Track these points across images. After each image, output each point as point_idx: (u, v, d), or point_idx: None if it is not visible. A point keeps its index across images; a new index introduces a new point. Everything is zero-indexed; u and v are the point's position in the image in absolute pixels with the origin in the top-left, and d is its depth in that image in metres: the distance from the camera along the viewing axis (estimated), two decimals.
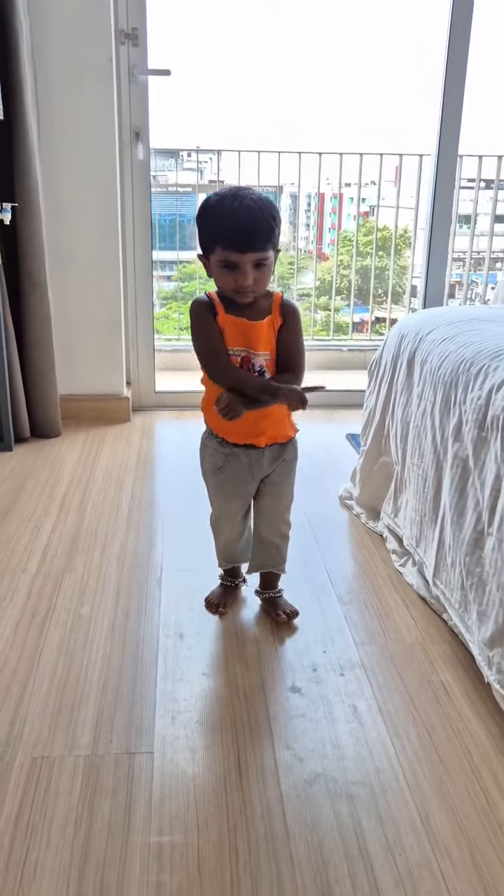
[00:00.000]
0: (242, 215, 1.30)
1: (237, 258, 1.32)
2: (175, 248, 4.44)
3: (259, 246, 1.32)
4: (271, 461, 1.53)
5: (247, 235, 1.31)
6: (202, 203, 1.38)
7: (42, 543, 1.95)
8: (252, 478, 1.53)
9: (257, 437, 1.49)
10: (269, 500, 1.58)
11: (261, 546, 1.63)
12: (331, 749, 1.28)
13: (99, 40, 2.54)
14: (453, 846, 1.10)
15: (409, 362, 1.87)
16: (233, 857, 1.08)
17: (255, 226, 1.31)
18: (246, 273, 1.33)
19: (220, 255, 1.34)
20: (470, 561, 1.45)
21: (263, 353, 1.43)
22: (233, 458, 1.50)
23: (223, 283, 1.37)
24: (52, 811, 1.15)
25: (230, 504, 1.57)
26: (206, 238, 1.36)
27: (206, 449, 1.55)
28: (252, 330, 1.41)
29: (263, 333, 1.42)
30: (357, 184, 3.87)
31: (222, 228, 1.32)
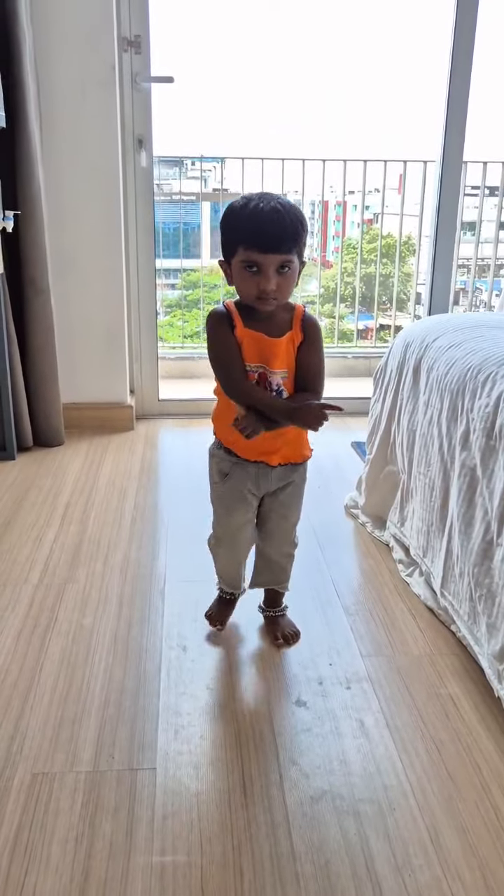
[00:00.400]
0: (268, 216, 1.25)
1: (260, 259, 1.26)
2: (179, 256, 4.43)
3: (284, 248, 1.26)
4: (279, 479, 1.46)
5: (272, 236, 1.25)
6: (227, 206, 1.32)
7: (44, 554, 1.93)
8: (257, 490, 1.46)
9: (270, 455, 1.42)
10: (275, 520, 1.52)
11: (265, 564, 1.59)
12: (337, 765, 1.25)
13: (102, 48, 2.53)
14: (464, 867, 1.07)
15: (415, 370, 1.85)
16: (237, 878, 1.05)
17: (281, 227, 1.25)
18: (269, 277, 1.26)
19: (242, 256, 1.27)
20: (479, 572, 1.42)
21: (281, 371, 1.36)
22: (239, 468, 1.44)
23: (244, 288, 1.30)
24: (51, 829, 1.12)
25: (233, 517, 1.49)
26: (228, 239, 1.30)
27: (213, 458, 1.49)
28: (270, 347, 1.34)
29: (282, 350, 1.35)
30: (361, 191, 3.86)
31: (246, 228, 1.26)
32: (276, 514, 1.51)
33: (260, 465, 1.44)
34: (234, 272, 1.31)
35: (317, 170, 3.71)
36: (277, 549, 1.56)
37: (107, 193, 2.68)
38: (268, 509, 1.51)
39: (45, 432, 2.70)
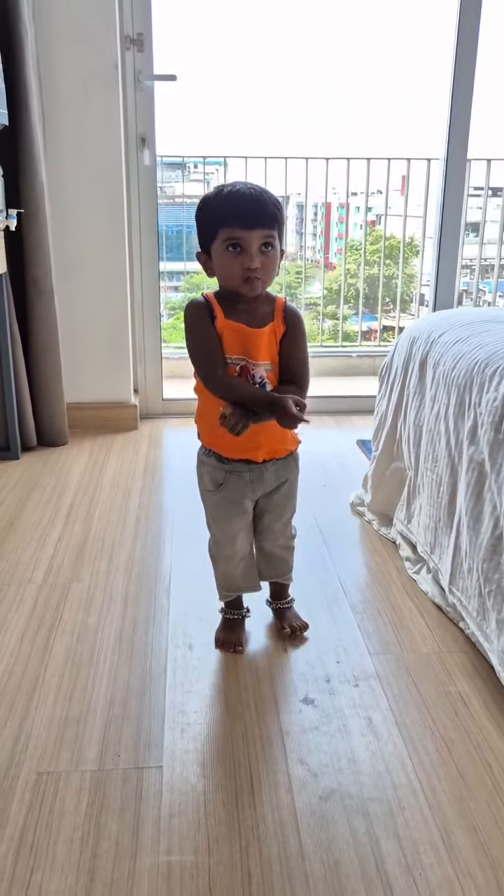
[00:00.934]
0: (247, 194, 1.25)
1: (243, 235, 1.24)
2: (182, 258, 4.43)
3: (266, 223, 1.25)
4: (274, 478, 1.43)
5: (253, 211, 1.24)
6: (200, 200, 1.32)
7: (48, 553, 1.92)
8: (254, 494, 1.43)
9: (254, 451, 1.39)
10: (271, 518, 1.49)
11: (265, 560, 1.57)
12: (346, 764, 1.24)
13: (104, 46, 2.52)
14: (476, 867, 1.05)
15: (422, 365, 1.83)
16: (245, 879, 1.03)
17: (261, 203, 1.25)
18: (252, 254, 1.25)
19: (224, 236, 1.25)
20: (488, 567, 1.41)
21: (264, 363, 1.33)
22: (234, 475, 1.41)
23: (227, 271, 1.28)
24: (57, 829, 1.10)
25: (231, 524, 1.45)
26: (207, 225, 1.28)
27: (203, 466, 1.45)
28: (252, 338, 1.32)
29: (265, 341, 1.33)
30: (364, 192, 3.85)
31: (227, 207, 1.25)
32: (270, 513, 1.49)
33: (253, 469, 1.40)
34: (216, 257, 1.28)
35: (320, 169, 3.70)
36: (274, 543, 1.54)
37: (110, 192, 2.67)
38: (262, 509, 1.48)
39: (48, 432, 2.69)
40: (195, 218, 1.32)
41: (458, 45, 2.82)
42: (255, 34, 6.62)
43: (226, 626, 1.58)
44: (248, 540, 1.51)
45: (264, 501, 1.47)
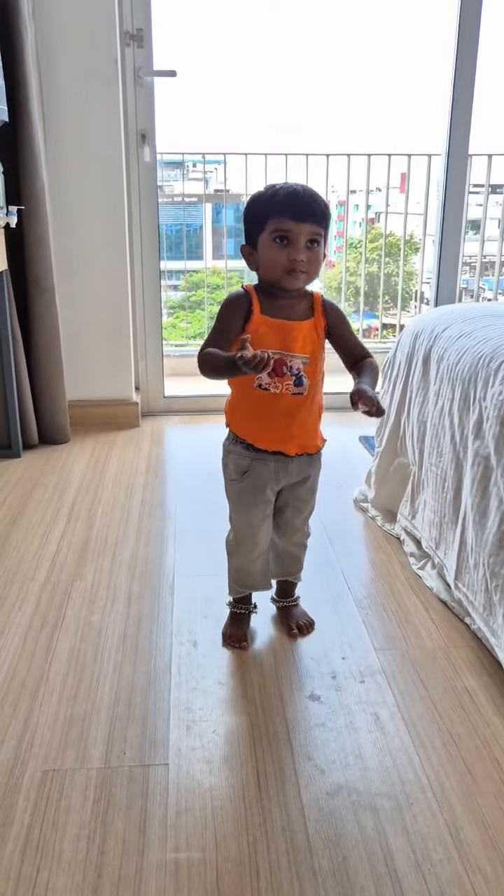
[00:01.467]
0: (298, 190, 1.29)
1: (293, 227, 1.26)
2: (182, 257, 4.42)
3: (315, 219, 1.27)
4: (297, 472, 1.44)
5: (305, 205, 1.27)
6: (250, 197, 1.34)
7: (51, 551, 1.91)
8: (277, 485, 1.44)
9: (287, 444, 1.39)
10: (291, 513, 1.50)
11: (279, 556, 1.57)
12: (353, 759, 1.23)
13: (104, 42, 2.52)
14: (485, 862, 1.05)
15: (425, 360, 1.82)
16: (253, 875, 1.02)
17: (314, 199, 1.28)
18: (299, 247, 1.27)
19: (273, 226, 1.27)
20: (494, 562, 1.40)
21: (301, 356, 1.34)
22: (259, 463, 1.41)
23: (273, 261, 1.29)
24: (63, 827, 1.10)
25: (253, 513, 1.45)
26: (256, 216, 1.30)
27: (229, 455, 1.44)
28: (291, 330, 1.33)
29: (304, 334, 1.34)
30: (363, 190, 3.84)
31: (279, 199, 1.27)
32: (291, 507, 1.49)
33: (279, 459, 1.41)
34: (263, 248, 1.30)
35: (320, 165, 3.69)
36: (290, 540, 1.54)
37: (110, 189, 2.66)
38: (284, 503, 1.48)
39: (50, 430, 2.68)
40: (244, 212, 1.34)
41: (460, 40, 2.81)
42: (255, 30, 6.60)
43: (233, 620, 1.57)
44: (268, 535, 1.50)
45: (287, 494, 1.47)
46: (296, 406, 1.36)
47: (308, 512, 1.53)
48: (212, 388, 3.08)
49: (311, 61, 7.30)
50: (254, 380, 1.34)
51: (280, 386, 1.34)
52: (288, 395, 1.35)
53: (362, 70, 6.94)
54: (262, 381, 1.34)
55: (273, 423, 1.37)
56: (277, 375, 1.34)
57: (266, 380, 1.34)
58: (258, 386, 1.34)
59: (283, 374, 1.34)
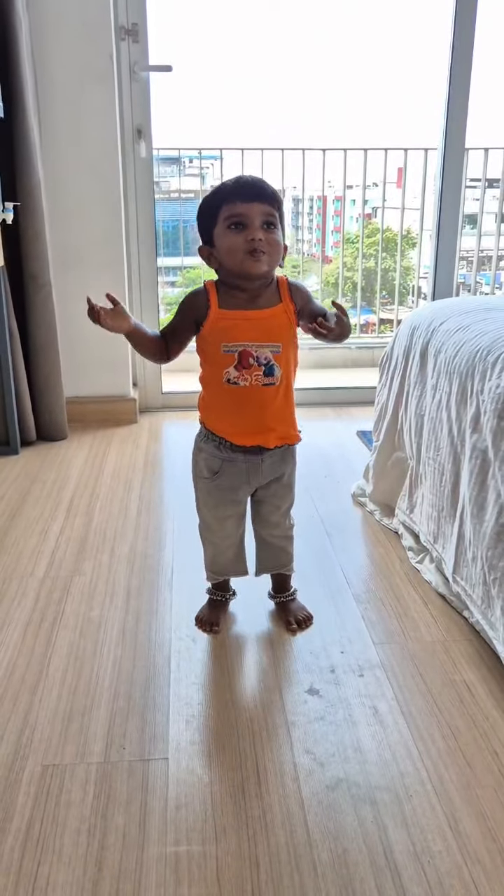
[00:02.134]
0: (245, 177, 1.31)
1: (244, 209, 1.26)
2: (179, 254, 4.41)
3: (265, 198, 1.27)
4: (270, 472, 1.43)
5: (253, 186, 1.28)
6: (200, 202, 1.35)
7: (50, 547, 1.91)
8: (249, 486, 1.44)
9: (265, 436, 1.38)
10: (269, 509, 1.50)
11: (266, 549, 1.57)
12: (352, 753, 1.23)
13: (99, 37, 2.51)
14: (484, 853, 1.05)
15: (423, 354, 1.82)
16: (253, 868, 1.03)
17: (261, 182, 1.30)
18: (255, 227, 1.26)
19: (225, 214, 1.27)
20: (492, 555, 1.40)
21: (270, 345, 1.32)
22: (229, 465, 1.41)
23: (231, 248, 1.28)
24: (63, 822, 1.10)
25: (220, 511, 1.47)
26: (208, 211, 1.31)
27: (200, 453, 1.45)
28: (255, 321, 1.32)
29: (273, 322, 1.33)
30: (360, 185, 3.83)
31: (226, 189, 1.29)
32: (268, 504, 1.49)
33: (250, 460, 1.40)
34: (220, 240, 1.30)
35: (317, 160, 3.68)
36: (272, 533, 1.54)
37: (107, 185, 2.66)
38: (260, 499, 1.49)
39: (48, 427, 2.68)
40: (196, 214, 1.34)
41: (456, 34, 2.81)
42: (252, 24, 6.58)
43: (210, 606, 1.60)
44: (237, 526, 1.51)
45: (262, 492, 1.47)
46: (269, 397, 1.36)
47: (286, 507, 1.52)
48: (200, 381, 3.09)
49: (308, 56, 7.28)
50: (222, 374, 1.33)
51: (249, 378, 1.33)
52: (258, 387, 1.34)
53: (359, 64, 6.93)
54: (230, 376, 1.33)
55: (247, 417, 1.36)
56: (244, 368, 1.32)
57: (234, 374, 1.33)
58: (227, 381, 1.33)
59: (249, 366, 1.32)
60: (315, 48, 7.11)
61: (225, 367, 1.33)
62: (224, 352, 1.32)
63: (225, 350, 1.32)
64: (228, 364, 1.32)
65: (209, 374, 1.37)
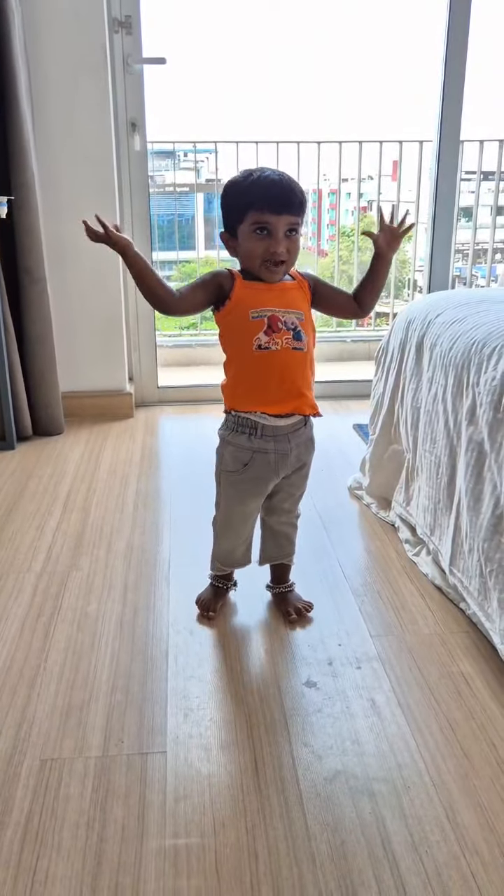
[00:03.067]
0: (276, 180, 1.31)
1: (272, 220, 1.28)
2: (175, 248, 4.40)
3: (294, 209, 1.30)
4: (296, 461, 1.45)
5: (283, 196, 1.29)
6: (228, 181, 1.36)
7: (47, 542, 1.91)
8: (277, 476, 1.45)
9: (300, 401, 1.39)
10: (283, 497, 1.51)
11: (272, 537, 1.58)
12: (350, 745, 1.24)
13: (92, 29, 2.49)
14: (482, 843, 1.06)
15: (418, 347, 1.82)
16: (252, 860, 1.03)
17: (290, 189, 1.31)
18: (279, 238, 1.30)
19: (253, 219, 1.29)
20: (489, 547, 1.40)
21: (295, 311, 1.36)
22: (260, 455, 1.41)
23: (252, 252, 1.32)
24: (62, 815, 1.10)
25: (247, 505, 1.47)
26: (235, 206, 1.32)
27: (227, 447, 1.43)
28: (277, 291, 1.35)
29: (292, 295, 1.37)
30: (355, 178, 3.82)
31: (256, 192, 1.29)
32: (284, 491, 1.51)
33: (280, 450, 1.41)
34: (243, 238, 1.32)
35: (312, 153, 3.67)
36: (280, 520, 1.55)
37: (101, 178, 2.65)
38: (277, 488, 1.50)
39: (44, 421, 2.67)
40: (221, 198, 1.36)
41: (450, 26, 2.80)
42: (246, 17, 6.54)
43: (212, 592, 1.61)
44: (255, 521, 1.54)
45: (282, 481, 1.49)
46: (298, 362, 1.37)
47: (299, 495, 1.55)
48: (205, 378, 3.09)
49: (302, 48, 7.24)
50: (252, 343, 1.34)
51: (280, 342, 1.35)
52: (289, 350, 1.35)
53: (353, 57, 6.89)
54: (262, 342, 1.34)
55: (280, 382, 1.37)
56: (274, 332, 1.34)
57: (264, 339, 1.34)
58: (258, 347, 1.34)
59: (279, 330, 1.34)
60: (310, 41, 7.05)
61: (255, 335, 1.34)
62: (253, 318, 1.34)
63: (254, 316, 1.34)
64: (258, 330, 1.34)
65: (238, 347, 1.37)
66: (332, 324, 4.13)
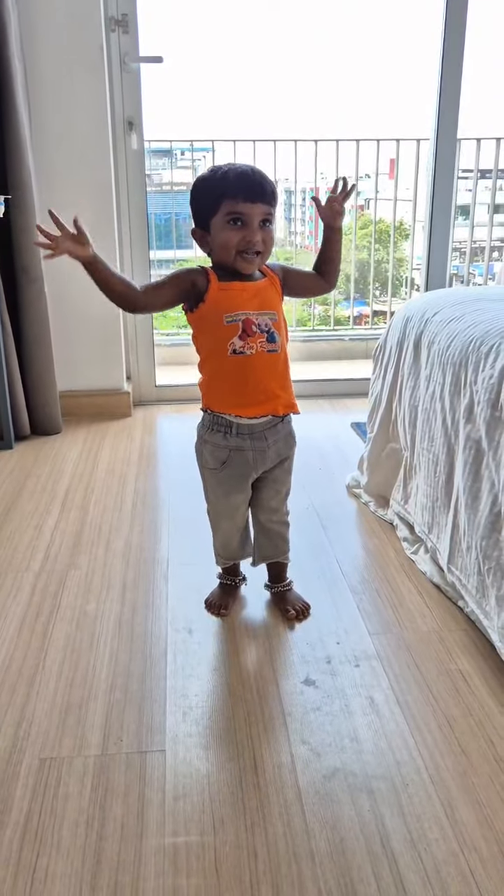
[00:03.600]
0: (247, 171, 1.31)
1: (247, 209, 1.29)
2: (172, 246, 4.40)
3: (267, 198, 1.30)
4: (275, 456, 1.46)
5: (257, 185, 1.29)
6: (196, 180, 1.36)
7: (45, 541, 1.91)
8: (256, 472, 1.46)
9: (274, 403, 1.40)
10: (269, 493, 1.52)
11: (264, 536, 1.58)
12: (349, 743, 1.24)
13: (89, 28, 2.49)
14: (480, 840, 1.06)
15: (416, 345, 1.82)
16: (251, 858, 1.03)
17: (263, 179, 1.32)
18: (254, 228, 1.30)
19: (227, 209, 1.29)
20: (487, 545, 1.41)
21: (268, 312, 1.37)
22: (236, 453, 1.43)
23: (227, 242, 1.31)
24: (62, 814, 1.10)
25: (231, 499, 1.49)
26: (208, 199, 1.31)
27: (205, 445, 1.45)
28: (250, 291, 1.35)
29: (265, 293, 1.37)
30: (353, 176, 3.82)
31: (230, 181, 1.29)
32: (269, 488, 1.52)
33: (257, 447, 1.42)
34: (217, 230, 1.32)
35: (309, 152, 3.67)
36: (271, 518, 1.56)
37: (98, 177, 2.64)
38: (262, 484, 1.51)
39: (42, 421, 2.67)
40: (191, 194, 1.36)
41: (447, 23, 2.80)
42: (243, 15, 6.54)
43: (221, 590, 1.63)
44: (246, 511, 1.55)
45: (265, 477, 1.49)
46: (273, 363, 1.38)
47: (285, 492, 1.55)
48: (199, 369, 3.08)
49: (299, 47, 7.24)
50: (226, 347, 1.34)
51: (254, 346, 1.35)
52: (264, 354, 1.36)
53: (350, 55, 6.89)
54: (236, 346, 1.34)
55: (255, 385, 1.37)
56: (248, 336, 1.35)
57: (238, 343, 1.34)
58: (233, 352, 1.34)
59: (253, 334, 1.35)
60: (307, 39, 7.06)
61: (229, 339, 1.34)
62: (227, 322, 1.34)
63: (228, 320, 1.34)
64: (232, 335, 1.34)
65: (212, 350, 1.37)
66: (331, 322, 4.13)
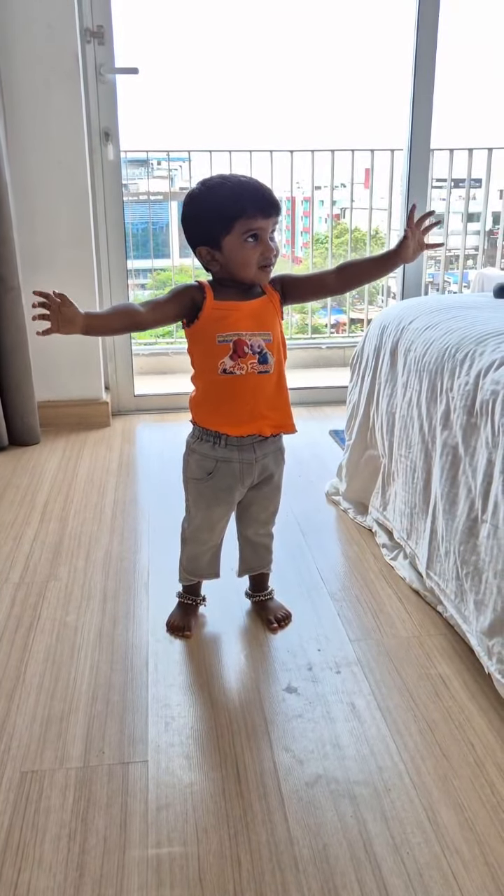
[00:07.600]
0: (257, 184, 1.29)
1: (264, 224, 1.27)
2: (150, 255, 4.40)
3: (278, 210, 1.29)
4: (261, 470, 1.45)
5: (269, 198, 1.28)
6: (190, 197, 1.31)
7: (24, 552, 1.90)
8: (242, 486, 1.45)
9: (259, 423, 1.39)
10: (257, 510, 1.51)
11: (250, 548, 1.58)
12: (331, 749, 1.24)
13: (64, 39, 2.49)
14: (462, 843, 1.07)
15: (393, 352, 1.84)
16: (235, 867, 1.03)
17: (270, 192, 1.30)
18: (267, 241, 1.29)
19: (243, 227, 1.26)
20: (464, 550, 1.42)
21: (263, 333, 1.35)
22: (223, 465, 1.41)
23: (248, 261, 1.29)
24: (43, 828, 1.09)
25: (213, 512, 1.47)
26: (217, 218, 1.27)
27: (192, 455, 1.44)
28: (246, 310, 1.33)
29: (261, 312, 1.35)
30: (328, 186, 3.86)
31: (244, 198, 1.26)
32: (258, 504, 1.51)
33: (245, 459, 1.41)
34: (232, 249, 1.29)
35: (285, 162, 3.70)
36: (257, 531, 1.55)
37: (74, 187, 2.64)
38: (250, 500, 1.50)
39: (20, 431, 2.65)
40: (190, 212, 1.32)
41: (419, 35, 2.83)
42: (218, 27, 6.58)
43: (181, 610, 1.59)
44: (224, 528, 1.52)
45: (253, 493, 1.48)
46: (263, 385, 1.37)
47: (274, 508, 1.54)
48: (181, 386, 3.09)
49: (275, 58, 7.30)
50: (217, 366, 1.34)
51: (245, 366, 1.34)
52: (254, 375, 1.35)
53: (325, 67, 6.97)
54: (226, 366, 1.34)
55: (243, 406, 1.37)
56: (239, 356, 1.34)
57: (229, 363, 1.34)
58: (223, 371, 1.34)
59: (244, 355, 1.34)
60: (282, 50, 7.12)
61: (220, 358, 1.34)
62: (219, 342, 1.33)
63: (220, 340, 1.33)
64: (224, 354, 1.33)
65: (204, 367, 1.38)
66: (308, 331, 4.15)
